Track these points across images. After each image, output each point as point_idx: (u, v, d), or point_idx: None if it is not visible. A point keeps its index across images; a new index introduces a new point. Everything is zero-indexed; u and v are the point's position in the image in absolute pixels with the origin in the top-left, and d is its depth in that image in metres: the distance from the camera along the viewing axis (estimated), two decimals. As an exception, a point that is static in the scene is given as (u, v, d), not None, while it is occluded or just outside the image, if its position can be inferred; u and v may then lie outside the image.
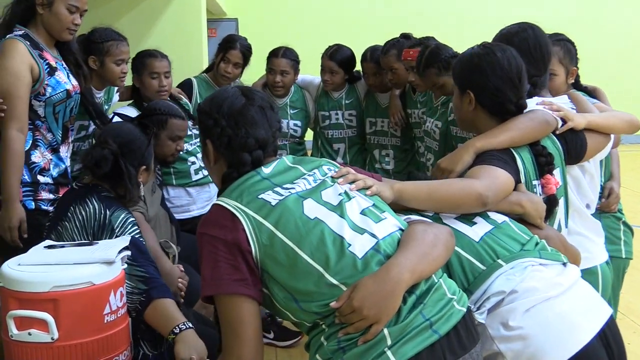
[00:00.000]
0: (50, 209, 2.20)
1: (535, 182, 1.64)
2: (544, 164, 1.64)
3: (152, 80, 2.70)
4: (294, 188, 1.34)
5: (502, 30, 1.88)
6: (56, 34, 2.22)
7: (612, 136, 1.87)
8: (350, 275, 1.23)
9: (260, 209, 1.28)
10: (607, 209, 2.12)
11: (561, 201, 1.69)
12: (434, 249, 1.29)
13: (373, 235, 1.29)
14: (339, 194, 1.34)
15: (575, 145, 1.73)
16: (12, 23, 2.17)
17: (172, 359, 1.66)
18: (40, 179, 2.20)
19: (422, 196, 1.47)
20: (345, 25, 8.33)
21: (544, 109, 1.69)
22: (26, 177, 2.16)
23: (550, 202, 1.63)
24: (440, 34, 3.21)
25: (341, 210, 1.30)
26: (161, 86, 2.72)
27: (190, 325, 1.69)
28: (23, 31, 2.17)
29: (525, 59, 1.71)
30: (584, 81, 2.19)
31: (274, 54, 3.11)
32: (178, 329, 1.67)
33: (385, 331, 1.20)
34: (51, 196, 2.22)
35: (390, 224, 1.33)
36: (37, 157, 2.20)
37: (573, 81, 2.10)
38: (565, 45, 2.08)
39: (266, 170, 1.38)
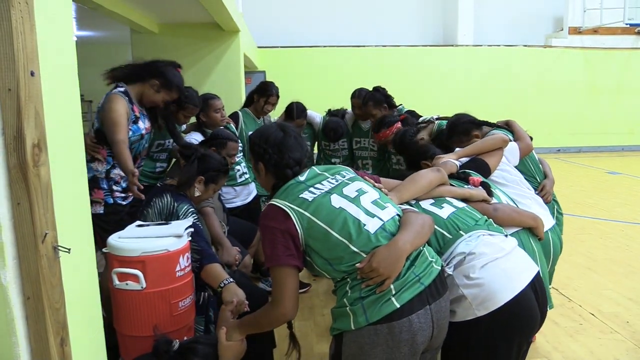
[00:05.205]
0: (123, 202, 2.71)
1: (465, 186, 2.10)
2: (462, 177, 2.16)
3: (215, 114, 3.46)
4: (323, 188, 1.64)
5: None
6: (147, 104, 2.83)
7: (506, 150, 2.50)
8: (366, 245, 1.54)
9: (301, 204, 1.59)
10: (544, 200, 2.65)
11: (498, 192, 2.16)
12: (423, 229, 1.62)
13: (380, 219, 1.60)
14: (356, 190, 1.66)
15: (479, 167, 2.33)
16: (118, 78, 2.75)
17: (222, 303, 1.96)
18: (114, 187, 2.71)
19: (413, 194, 1.89)
20: (340, 72, 11.41)
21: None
22: (105, 186, 2.68)
23: (485, 187, 2.09)
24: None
25: (357, 201, 1.62)
26: (222, 117, 3.49)
27: (232, 280, 2.03)
28: (124, 88, 2.73)
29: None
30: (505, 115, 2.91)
31: (290, 118, 3.99)
32: (223, 284, 2.02)
33: (391, 285, 1.51)
34: (122, 194, 2.73)
35: (391, 211, 1.66)
36: (114, 174, 2.70)
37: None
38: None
39: (302, 177, 1.69)
